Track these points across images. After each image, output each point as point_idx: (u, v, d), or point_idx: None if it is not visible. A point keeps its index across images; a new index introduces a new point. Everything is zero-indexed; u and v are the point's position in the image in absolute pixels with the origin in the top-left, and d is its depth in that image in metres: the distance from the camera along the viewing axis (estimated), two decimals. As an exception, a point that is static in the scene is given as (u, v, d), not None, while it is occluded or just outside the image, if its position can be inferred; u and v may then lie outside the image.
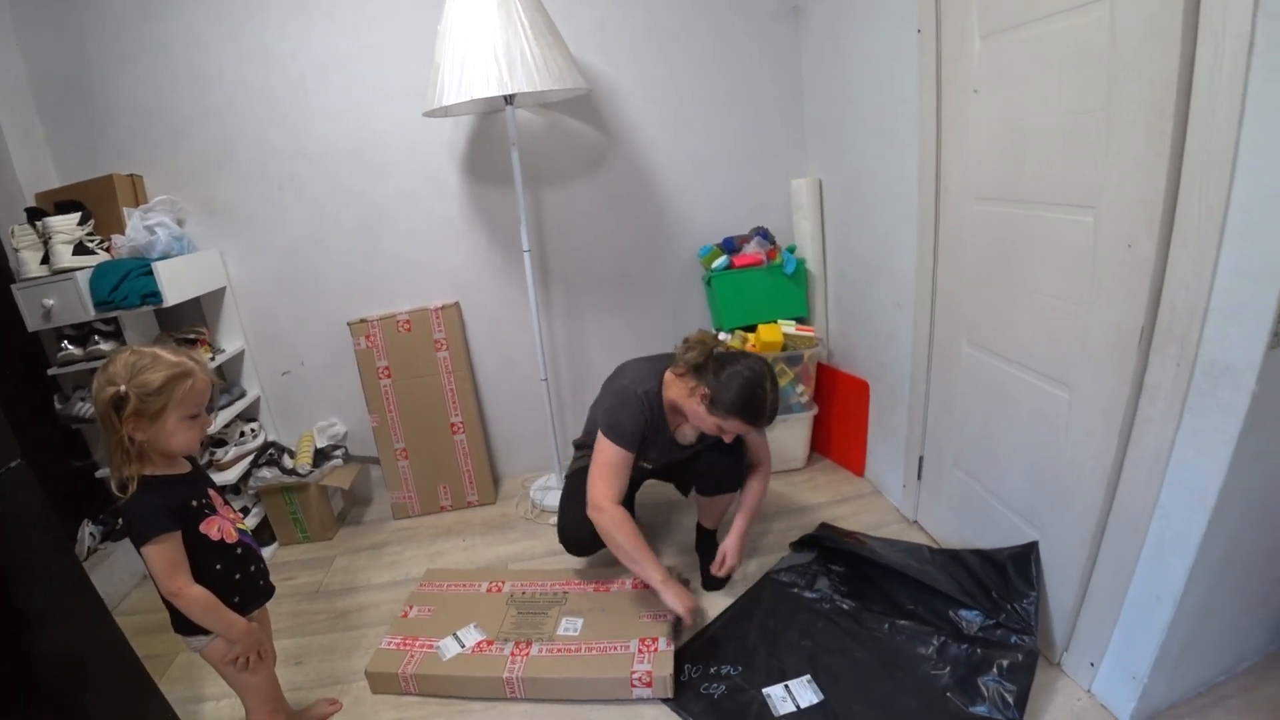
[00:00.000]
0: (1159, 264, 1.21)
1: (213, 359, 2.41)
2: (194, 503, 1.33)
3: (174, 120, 2.39)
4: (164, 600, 1.31)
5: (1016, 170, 1.55)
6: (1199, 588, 1.28)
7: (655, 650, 1.69)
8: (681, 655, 1.74)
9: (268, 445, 2.54)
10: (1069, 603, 1.55)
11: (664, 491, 2.22)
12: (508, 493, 2.79)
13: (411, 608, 1.97)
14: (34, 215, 2.13)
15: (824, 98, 2.47)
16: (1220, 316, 1.13)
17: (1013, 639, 1.57)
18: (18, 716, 1.24)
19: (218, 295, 2.54)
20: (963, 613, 1.69)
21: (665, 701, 1.63)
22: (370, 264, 2.60)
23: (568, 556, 2.08)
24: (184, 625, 1.34)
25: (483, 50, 1.93)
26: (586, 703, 1.67)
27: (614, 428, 1.78)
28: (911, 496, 2.23)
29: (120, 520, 1.25)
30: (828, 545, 2.04)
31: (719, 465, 1.96)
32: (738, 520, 1.97)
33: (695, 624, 1.84)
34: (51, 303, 2.06)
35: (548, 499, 2.58)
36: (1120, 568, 1.40)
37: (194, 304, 2.47)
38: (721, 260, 2.55)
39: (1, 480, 1.25)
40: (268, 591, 1.48)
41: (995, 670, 1.52)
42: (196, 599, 1.28)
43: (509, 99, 2.17)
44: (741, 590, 1.98)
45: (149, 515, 1.23)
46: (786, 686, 1.62)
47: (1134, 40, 1.19)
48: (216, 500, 1.39)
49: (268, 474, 2.43)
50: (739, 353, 1.80)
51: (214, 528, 1.34)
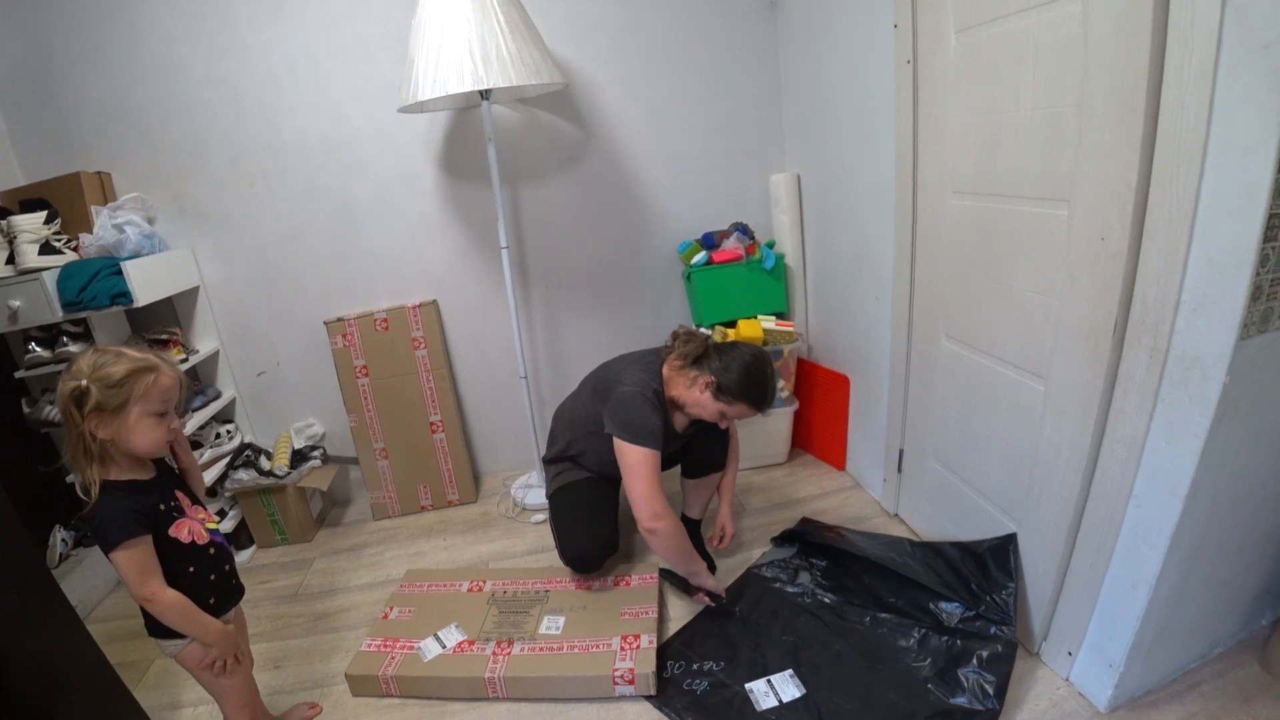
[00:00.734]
0: (1131, 257, 1.23)
1: (186, 360, 2.37)
2: (161, 506, 1.30)
3: (143, 116, 2.33)
4: (139, 604, 1.28)
5: (992, 164, 1.56)
6: (1172, 576, 1.30)
7: (637, 647, 1.69)
8: (664, 652, 1.74)
9: (244, 447, 2.50)
10: (1047, 593, 1.57)
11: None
12: (489, 491, 2.77)
13: (392, 609, 1.95)
14: (-3, 214, 2.08)
15: (802, 92, 2.47)
16: (1191, 309, 1.14)
17: (992, 630, 1.59)
18: None
19: (190, 295, 2.49)
20: (943, 605, 1.70)
21: (648, 699, 1.63)
22: (346, 262, 2.56)
23: (550, 555, 2.08)
24: (159, 629, 1.31)
25: (458, 45, 1.90)
26: (569, 701, 1.66)
27: (641, 430, 1.73)
28: (892, 490, 2.24)
29: (89, 527, 1.21)
30: (809, 540, 2.05)
31: (706, 446, 2.02)
32: (724, 495, 2.10)
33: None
34: (18, 304, 2.01)
35: (529, 497, 2.57)
36: (1096, 557, 1.42)
37: (166, 304, 2.42)
38: (701, 256, 2.54)
39: None
40: (240, 590, 1.46)
41: (975, 661, 1.53)
42: (171, 603, 1.26)
43: (485, 94, 2.15)
44: (724, 585, 1.98)
45: (116, 520, 1.20)
46: (769, 681, 1.62)
47: (1105, 34, 1.20)
48: (184, 502, 1.36)
49: (244, 476, 2.39)
50: (736, 342, 1.88)
51: (184, 530, 1.31)
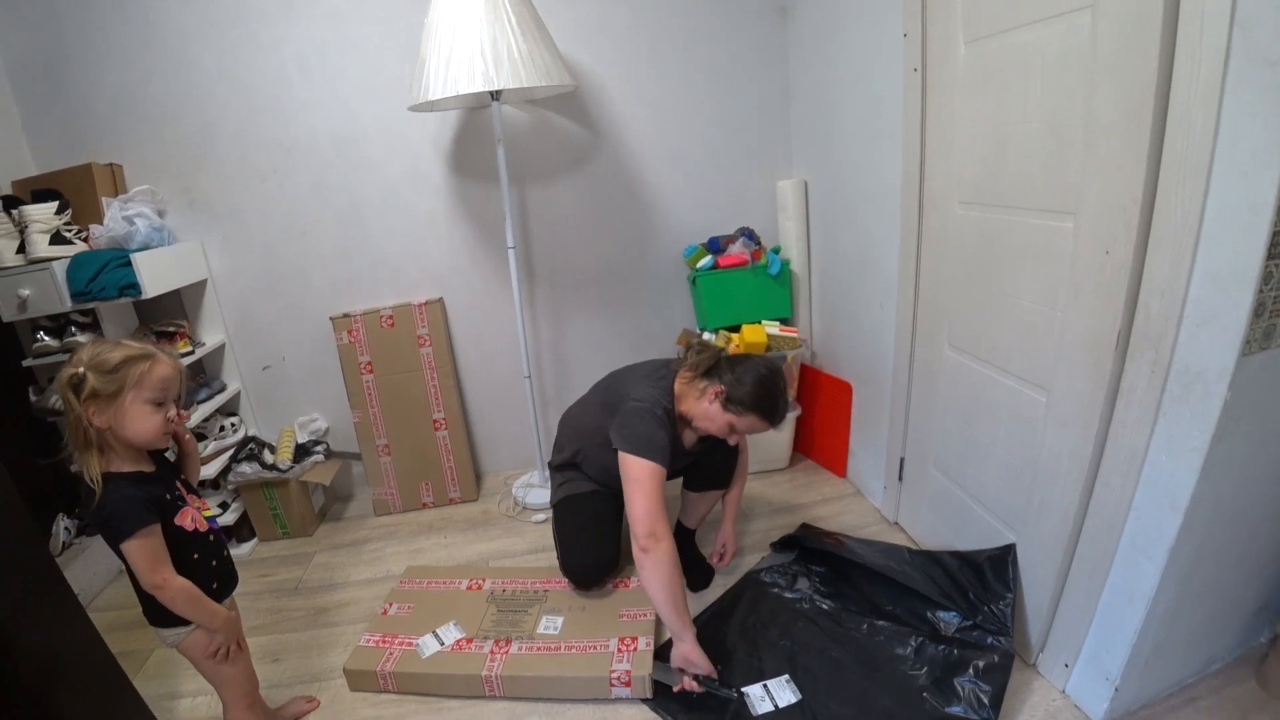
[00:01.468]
0: (1135, 270, 1.23)
1: (192, 352, 2.38)
2: (167, 495, 1.32)
3: (155, 109, 2.35)
4: (139, 594, 1.30)
5: (998, 175, 1.56)
6: (1170, 589, 1.30)
7: (635, 649, 1.69)
8: (661, 655, 1.74)
9: (248, 440, 2.52)
10: (1045, 604, 1.57)
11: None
12: (490, 490, 2.78)
13: (391, 605, 1.95)
14: (10, 203, 2.09)
15: (810, 99, 2.48)
16: (1194, 323, 1.14)
17: (989, 640, 1.59)
18: None
19: (198, 288, 2.51)
20: (940, 614, 1.70)
21: (644, 701, 1.64)
22: (353, 258, 2.58)
23: (549, 554, 2.08)
24: (161, 618, 1.33)
25: (469, 45, 1.92)
26: (565, 702, 1.67)
27: (647, 443, 1.66)
28: (892, 498, 2.24)
29: (92, 517, 1.22)
30: (808, 546, 2.05)
31: (714, 462, 1.98)
32: (728, 512, 2.06)
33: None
34: (27, 293, 2.02)
35: (530, 496, 2.57)
36: (1095, 570, 1.42)
37: (174, 296, 2.43)
38: (706, 260, 2.55)
39: None
40: (236, 577, 1.48)
41: (971, 671, 1.53)
42: (180, 590, 1.28)
43: (495, 94, 2.16)
44: (722, 590, 1.99)
45: (128, 509, 1.22)
46: (765, 686, 1.62)
47: (1113, 47, 1.21)
48: (183, 490, 1.38)
49: (248, 469, 2.41)
50: (749, 354, 1.87)
51: (188, 518, 1.34)
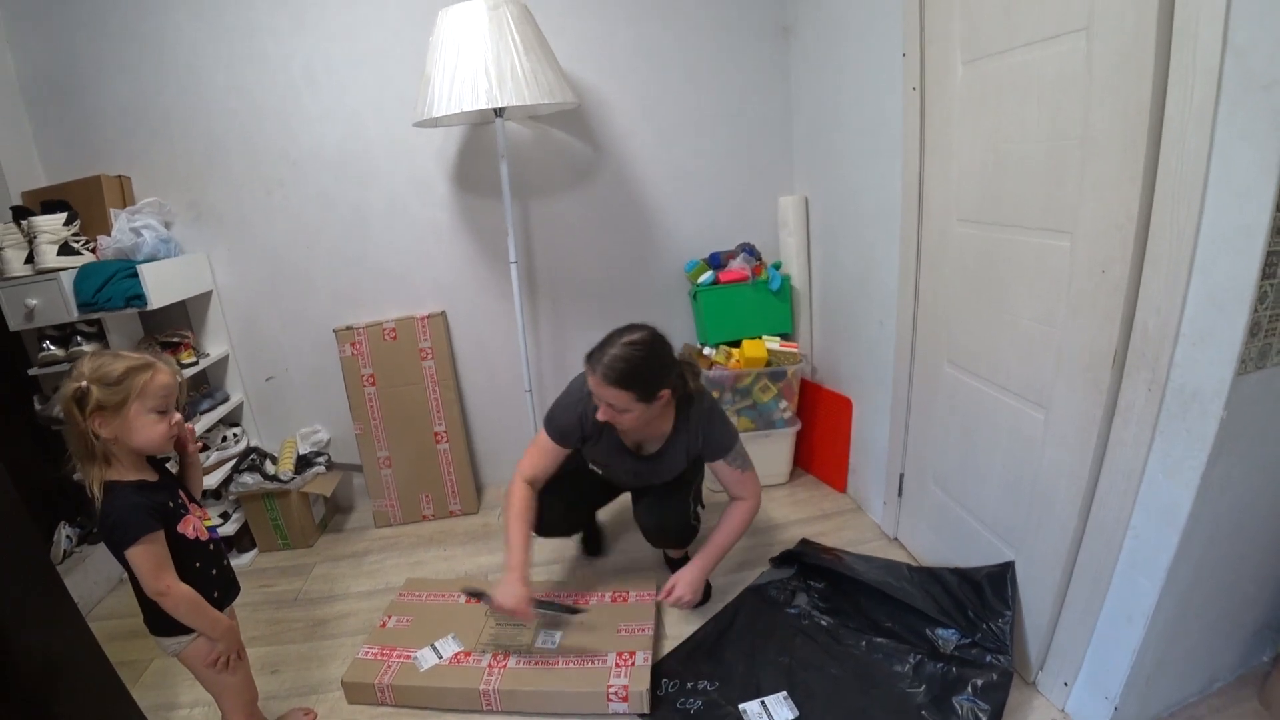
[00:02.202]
0: (1132, 289, 1.24)
1: (196, 363, 2.40)
2: (170, 503, 1.33)
3: (164, 122, 2.38)
4: (141, 602, 1.31)
5: (996, 194, 1.58)
6: (1169, 607, 1.30)
7: (632, 664, 1.69)
8: (659, 670, 1.74)
9: (250, 451, 2.53)
10: (1044, 622, 1.56)
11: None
12: (490, 502, 2.78)
13: (390, 617, 1.95)
14: (19, 214, 2.12)
15: (812, 117, 2.50)
16: (1190, 342, 1.15)
17: (988, 658, 1.58)
18: None
19: (203, 299, 2.53)
20: (939, 631, 1.70)
21: (641, 716, 1.63)
22: (357, 271, 2.60)
23: (548, 568, 2.10)
24: (162, 626, 1.34)
25: (473, 63, 1.95)
26: (563, 716, 1.66)
27: (549, 418, 1.83)
28: (892, 514, 2.24)
29: (98, 525, 1.24)
30: (808, 561, 2.05)
31: (659, 507, 1.96)
32: (703, 550, 1.85)
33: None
34: (35, 302, 2.04)
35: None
36: (1094, 588, 1.42)
37: (179, 307, 2.46)
38: (707, 275, 2.56)
39: None
40: (237, 587, 1.49)
41: (970, 689, 1.53)
42: (183, 597, 1.29)
43: (498, 111, 2.18)
44: (720, 605, 1.98)
45: (133, 517, 1.24)
46: (763, 703, 1.62)
47: (1108, 70, 1.22)
48: (185, 499, 1.40)
49: (249, 480, 2.41)
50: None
51: (190, 526, 1.35)
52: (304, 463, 2.53)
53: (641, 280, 2.75)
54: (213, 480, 2.37)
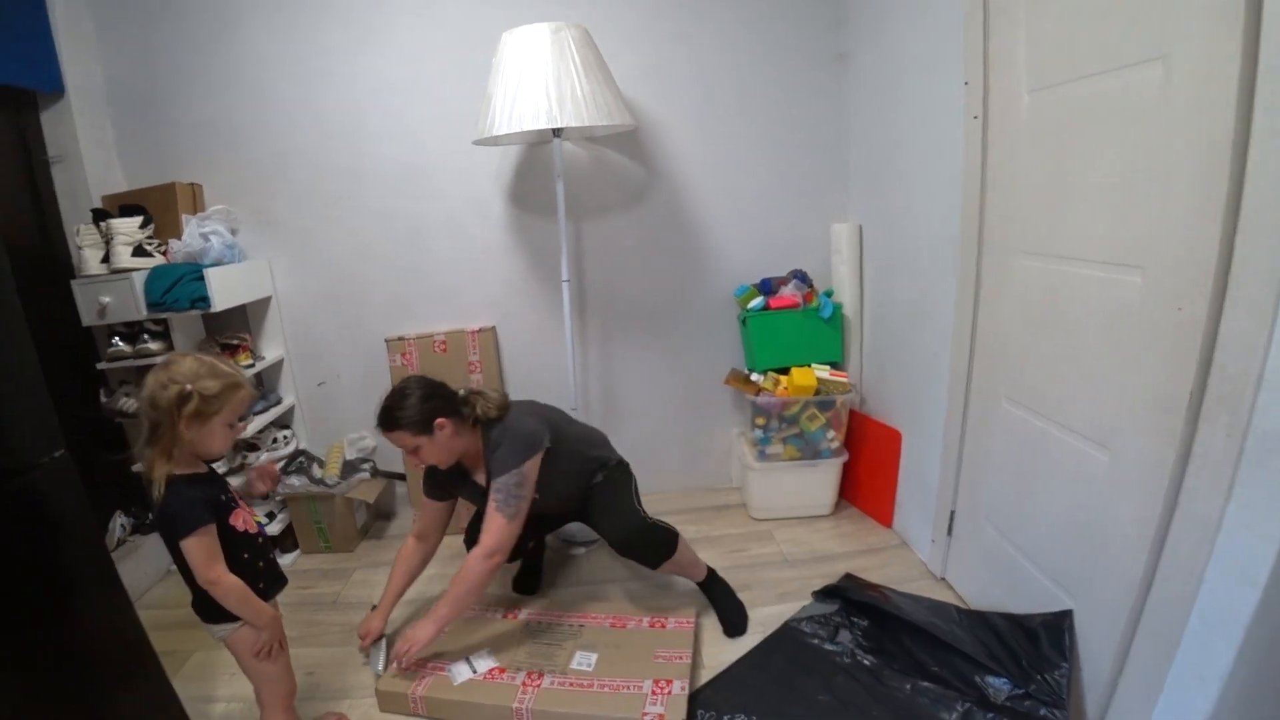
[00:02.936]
0: (1210, 328, 1.18)
1: (253, 365, 2.47)
2: (222, 497, 1.40)
3: (235, 134, 2.50)
4: (193, 590, 1.36)
5: (1062, 226, 1.53)
6: (1246, 670, 1.21)
7: (669, 693, 1.65)
8: (695, 699, 1.69)
9: (298, 453, 2.58)
10: (1104, 677, 1.47)
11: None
12: (529, 519, 2.77)
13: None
14: (99, 216, 2.24)
15: (868, 144, 2.48)
16: (1274, 387, 1.08)
17: (1042, 711, 1.50)
18: (37, 694, 1.28)
19: (263, 304, 2.61)
20: (989, 679, 1.62)
21: (674, 746, 1.59)
22: (411, 283, 2.65)
23: (586, 587, 2.09)
24: (211, 614, 1.39)
25: (535, 84, 1.98)
26: (594, 740, 1.63)
27: None
28: (940, 552, 2.16)
29: (154, 516, 1.30)
30: (851, 597, 1.99)
31: (608, 518, 1.95)
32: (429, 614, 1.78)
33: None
34: (108, 300, 2.14)
35: (570, 526, 2.55)
36: (1162, 644, 1.33)
37: (240, 311, 2.54)
38: (758, 300, 2.54)
39: (45, 469, 1.30)
40: (284, 579, 1.54)
41: (1022, 742, 1.45)
42: (232, 587, 1.34)
43: (556, 131, 2.22)
44: (759, 637, 1.93)
45: (190, 509, 1.30)
46: (800, 741, 1.56)
47: (1188, 99, 1.18)
48: (234, 494, 1.46)
49: (296, 482, 2.46)
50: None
51: (239, 519, 1.41)
52: (350, 468, 2.57)
53: (690, 303, 2.74)
54: (261, 481, 2.43)
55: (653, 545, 1.92)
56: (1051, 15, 1.51)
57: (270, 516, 2.51)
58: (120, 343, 2.21)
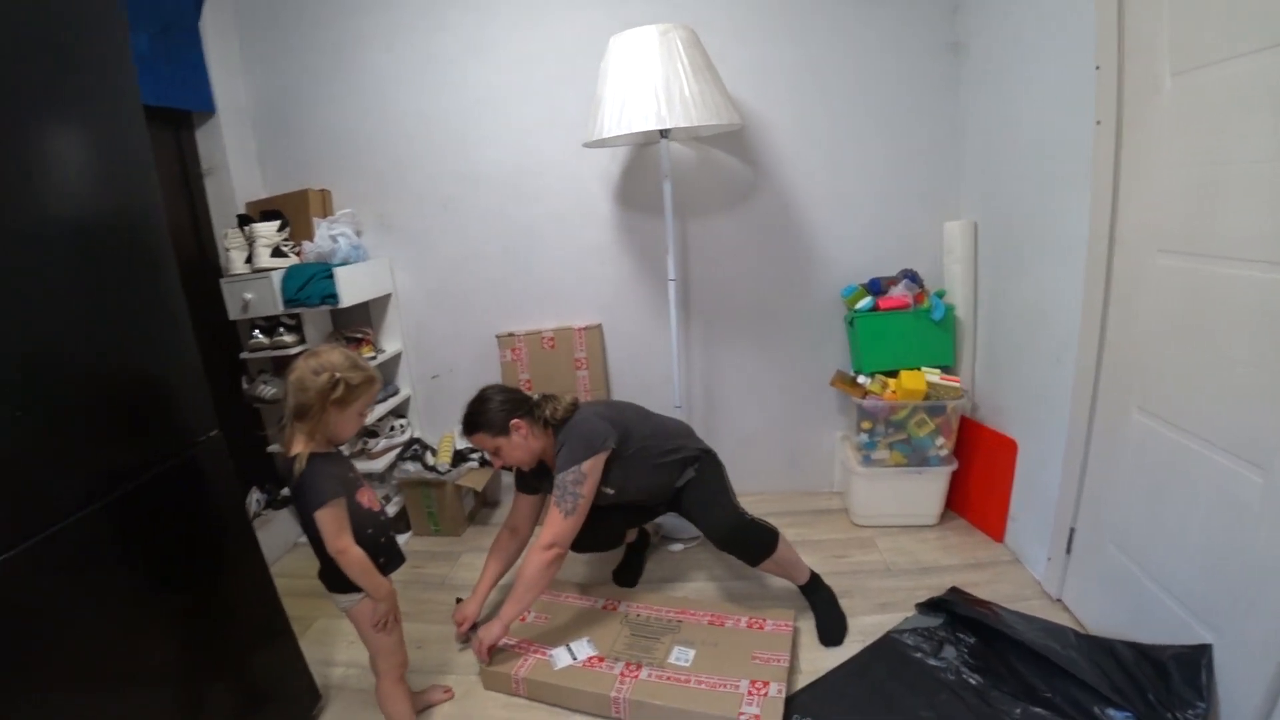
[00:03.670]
0: (1390, 338, 1.05)
1: (374, 358, 2.65)
2: (351, 474, 1.52)
3: (360, 143, 2.68)
4: (321, 559, 1.49)
5: (1209, 222, 1.40)
6: None
7: (765, 695, 1.64)
8: (791, 704, 1.68)
9: (413, 441, 2.74)
10: None
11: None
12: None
13: (529, 612, 2.03)
14: (243, 221, 2.46)
15: (983, 137, 2.35)
16: None
17: (1172, 749, 1.39)
18: (193, 644, 1.44)
19: (384, 301, 2.79)
20: (1111, 711, 1.51)
21: (769, 749, 1.58)
22: (521, 282, 2.75)
23: (685, 584, 2.16)
24: (337, 584, 1.51)
25: (644, 86, 2.01)
26: (688, 736, 1.65)
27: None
28: (1057, 571, 2.03)
29: (291, 489, 1.43)
30: (958, 612, 1.90)
31: (703, 511, 2.00)
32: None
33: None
34: (250, 296, 2.35)
35: (669, 522, 2.57)
36: (1318, 686, 1.20)
37: (362, 307, 2.72)
38: (866, 301, 2.47)
39: (202, 446, 1.49)
40: (403, 557, 1.63)
41: (1149, 781, 1.35)
42: (357, 559, 1.45)
43: (664, 132, 2.23)
44: (859, 646, 1.89)
45: (325, 481, 1.42)
46: (901, 756, 1.52)
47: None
48: (359, 473, 1.58)
49: (410, 468, 2.62)
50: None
51: (365, 497, 1.53)
52: (460, 457, 2.70)
53: (796, 303, 2.70)
54: (379, 464, 2.60)
55: (752, 541, 1.92)
56: (1202, -11, 1.39)
57: (386, 499, 2.68)
58: (260, 335, 2.43)
